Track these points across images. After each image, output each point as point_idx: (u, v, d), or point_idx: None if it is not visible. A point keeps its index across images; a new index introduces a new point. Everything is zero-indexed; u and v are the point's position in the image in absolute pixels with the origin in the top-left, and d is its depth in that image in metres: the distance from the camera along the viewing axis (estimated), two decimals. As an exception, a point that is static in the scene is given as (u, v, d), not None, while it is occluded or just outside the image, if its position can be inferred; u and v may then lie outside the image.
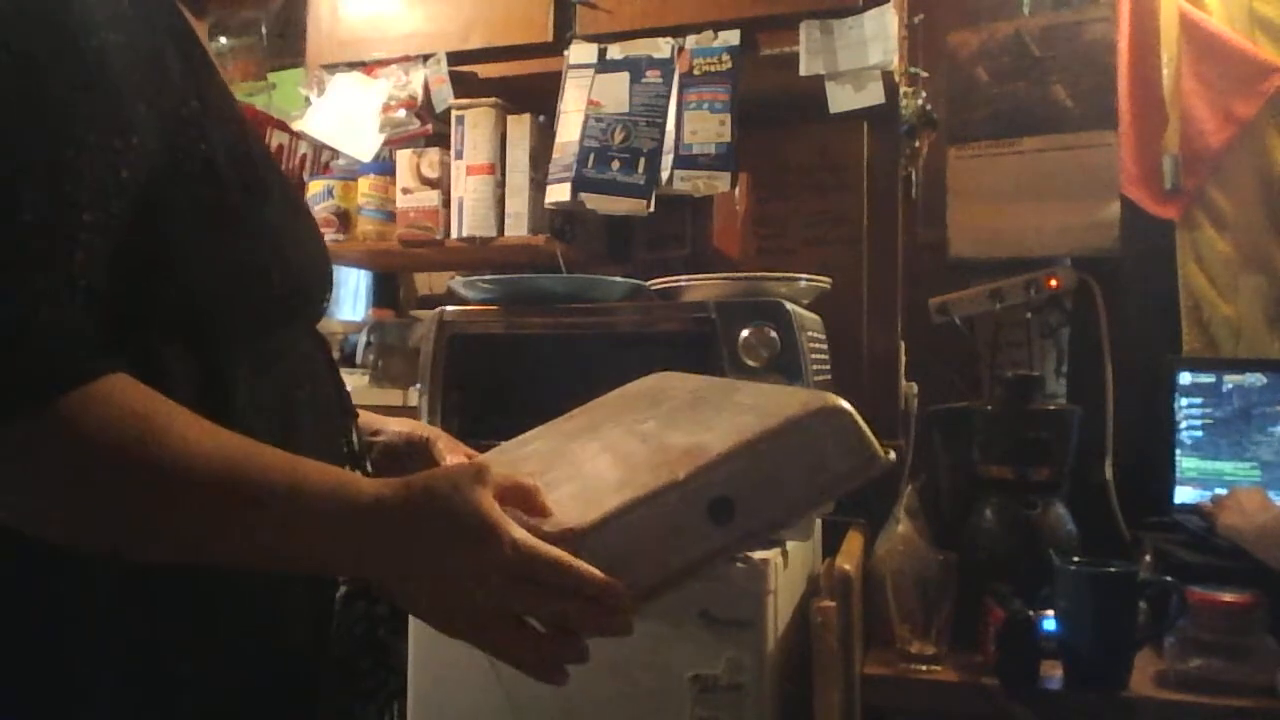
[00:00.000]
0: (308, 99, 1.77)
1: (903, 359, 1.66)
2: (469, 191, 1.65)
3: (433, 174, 1.69)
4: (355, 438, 0.80)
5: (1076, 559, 1.33)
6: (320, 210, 1.76)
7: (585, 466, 0.74)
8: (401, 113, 1.69)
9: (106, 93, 0.59)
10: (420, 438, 0.95)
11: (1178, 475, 1.64)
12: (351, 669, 0.74)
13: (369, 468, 0.83)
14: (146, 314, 0.62)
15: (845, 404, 0.71)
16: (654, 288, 1.42)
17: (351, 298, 2.23)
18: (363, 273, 2.18)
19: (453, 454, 0.94)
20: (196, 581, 0.63)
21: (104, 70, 0.60)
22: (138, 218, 0.60)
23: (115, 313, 0.59)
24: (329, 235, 1.75)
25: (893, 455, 0.72)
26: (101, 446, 0.56)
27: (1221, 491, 1.53)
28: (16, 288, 0.54)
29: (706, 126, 1.50)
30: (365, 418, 0.92)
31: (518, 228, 1.64)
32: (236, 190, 0.67)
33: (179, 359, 0.64)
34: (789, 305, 1.26)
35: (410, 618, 0.74)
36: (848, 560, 1.30)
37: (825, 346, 1.39)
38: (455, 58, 1.68)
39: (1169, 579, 1.30)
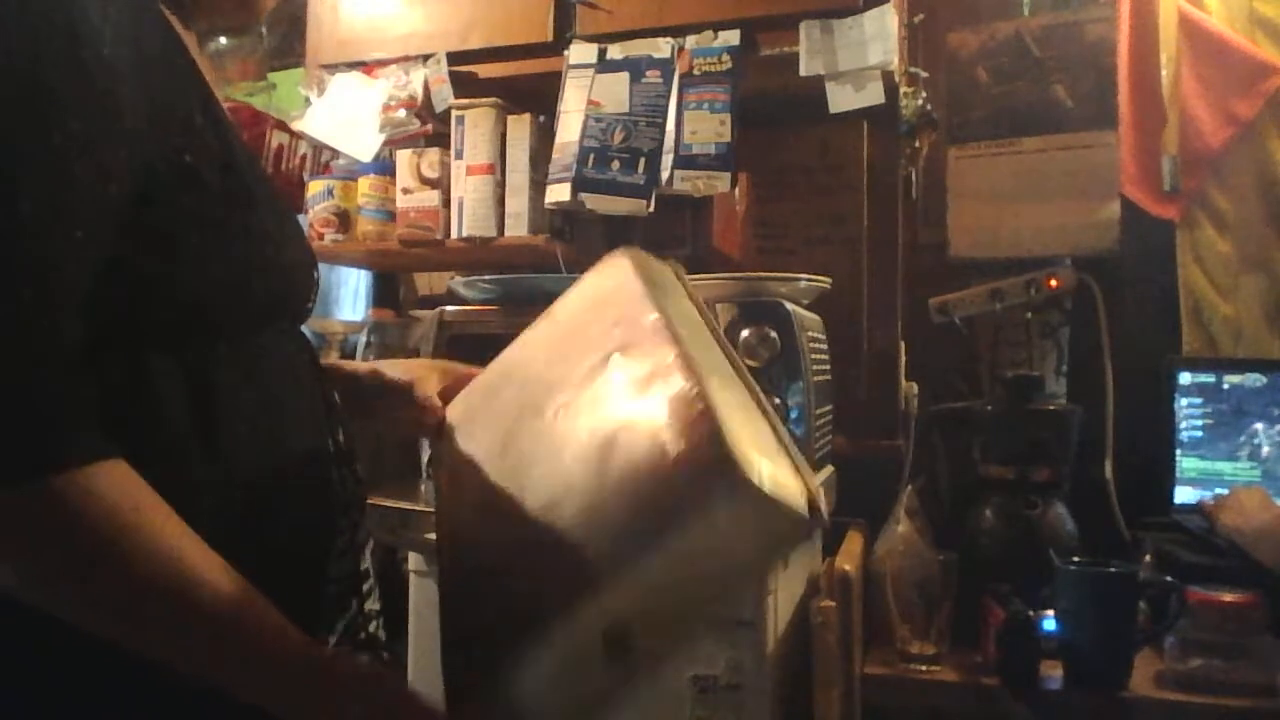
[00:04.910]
0: (308, 99, 1.77)
1: (903, 359, 1.66)
2: (469, 191, 1.65)
3: (433, 174, 1.69)
4: (342, 436, 0.80)
5: (1076, 559, 1.33)
6: (320, 210, 1.76)
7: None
8: (401, 113, 1.69)
9: (103, 115, 0.59)
10: (398, 383, 0.93)
11: (1178, 475, 1.64)
12: None
13: (358, 469, 0.83)
14: (130, 320, 0.62)
15: (743, 465, 0.54)
16: (654, 288, 1.42)
17: (351, 298, 2.22)
18: (363, 273, 2.18)
19: (414, 401, 0.92)
20: None
21: (102, 88, 0.59)
22: (123, 227, 0.60)
23: (101, 322, 0.59)
24: (329, 235, 1.75)
25: (824, 507, 0.59)
26: (94, 527, 0.56)
27: (1222, 491, 1.54)
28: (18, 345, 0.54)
29: (706, 126, 1.49)
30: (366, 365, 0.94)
31: (518, 228, 1.64)
32: (220, 198, 0.67)
33: (164, 364, 0.64)
34: (789, 305, 1.26)
35: (410, 616, 0.73)
36: (848, 560, 1.30)
37: (825, 346, 1.39)
38: (455, 58, 1.68)
39: (1169, 579, 1.30)
